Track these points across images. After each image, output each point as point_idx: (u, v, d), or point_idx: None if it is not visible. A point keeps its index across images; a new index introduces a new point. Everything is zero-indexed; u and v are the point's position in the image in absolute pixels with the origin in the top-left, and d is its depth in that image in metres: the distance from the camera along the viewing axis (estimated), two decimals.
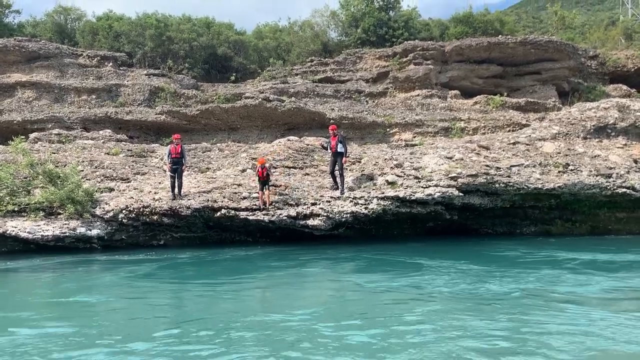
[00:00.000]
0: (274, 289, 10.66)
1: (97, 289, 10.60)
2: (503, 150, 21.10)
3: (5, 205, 17.31)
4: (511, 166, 19.53)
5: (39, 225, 16.83)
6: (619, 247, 16.33)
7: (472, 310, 7.79)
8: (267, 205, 17.86)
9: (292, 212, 18.02)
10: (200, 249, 17.59)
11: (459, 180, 18.38)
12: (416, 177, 18.89)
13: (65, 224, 17.03)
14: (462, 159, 19.71)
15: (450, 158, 19.93)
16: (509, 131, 25.57)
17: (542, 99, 28.48)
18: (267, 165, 18.30)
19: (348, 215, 18.14)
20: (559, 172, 19.60)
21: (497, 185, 18.67)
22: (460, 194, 18.30)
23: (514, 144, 21.84)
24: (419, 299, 8.77)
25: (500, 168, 19.27)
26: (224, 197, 18.34)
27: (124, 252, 16.72)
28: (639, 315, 7.31)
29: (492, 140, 22.78)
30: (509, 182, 18.71)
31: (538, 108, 27.59)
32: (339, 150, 18.50)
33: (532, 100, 28.02)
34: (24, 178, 18.61)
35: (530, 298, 8.63)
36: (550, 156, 20.67)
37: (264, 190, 17.92)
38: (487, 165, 19.28)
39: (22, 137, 21.46)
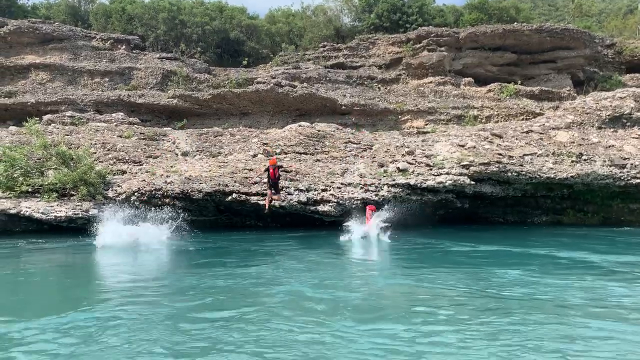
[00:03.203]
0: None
1: None
2: (516, 139, 20.93)
3: (19, 186, 17.53)
4: (524, 155, 19.39)
5: (52, 206, 17.00)
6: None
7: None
8: (268, 206, 16.97)
9: (303, 197, 18.06)
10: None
11: (471, 168, 18.29)
12: (428, 165, 18.81)
13: (78, 205, 17.19)
14: (474, 147, 19.59)
15: (463, 146, 19.81)
16: (522, 120, 25.34)
17: (557, 87, 28.15)
18: (278, 164, 17.47)
19: (358, 202, 18.14)
20: (572, 161, 19.43)
21: (509, 174, 18.56)
22: (472, 182, 18.22)
23: (527, 132, 21.66)
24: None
25: (512, 157, 19.14)
26: (235, 182, 18.40)
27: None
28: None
29: (505, 128, 22.61)
30: (522, 171, 18.59)
31: (552, 97, 27.29)
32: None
33: (546, 88, 27.70)
34: (38, 159, 18.78)
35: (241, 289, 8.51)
36: (564, 145, 20.48)
37: (272, 190, 16.88)
38: (500, 154, 19.15)
39: (36, 118, 21.64)
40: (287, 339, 5.80)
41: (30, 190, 17.67)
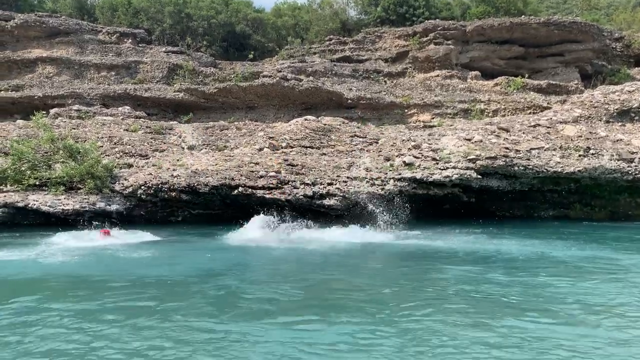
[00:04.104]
0: None
1: None
2: (523, 133, 20.81)
3: (27, 179, 17.63)
4: (531, 149, 19.28)
5: (59, 200, 17.10)
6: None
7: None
8: None
9: (309, 191, 18.04)
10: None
11: (478, 162, 18.20)
12: (434, 159, 18.74)
13: (85, 198, 17.29)
14: (481, 141, 19.50)
15: (469, 140, 19.72)
16: (529, 114, 25.21)
17: (564, 81, 27.98)
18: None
19: (364, 195, 18.10)
20: (580, 155, 19.31)
21: (516, 168, 18.46)
22: (479, 176, 18.12)
23: (534, 126, 21.53)
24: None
25: (519, 151, 19.03)
26: (241, 175, 18.41)
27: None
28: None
29: (512, 122, 22.48)
30: (528, 165, 18.49)
31: (560, 90, 27.13)
32: None
33: (553, 82, 27.54)
34: (45, 153, 18.88)
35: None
36: (571, 139, 20.35)
37: None
38: (507, 148, 19.05)
39: (43, 112, 21.74)
40: (191, 334, 5.71)
41: (37, 183, 17.77)
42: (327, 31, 33.16)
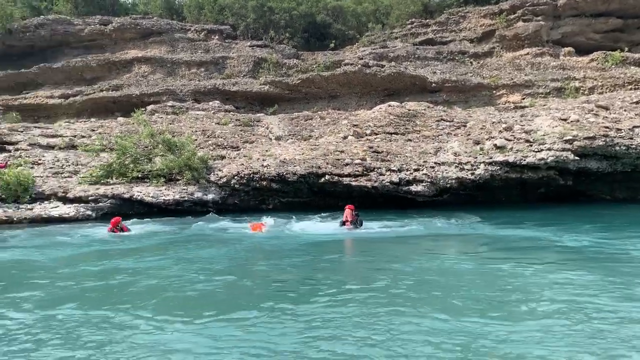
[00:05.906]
0: None
1: None
2: (625, 110, 19.48)
3: (130, 172, 18.93)
4: (634, 127, 18.00)
5: (160, 191, 18.22)
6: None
7: None
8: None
9: (395, 177, 17.99)
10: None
11: (575, 143, 17.27)
12: (527, 141, 18.00)
13: (184, 189, 18.29)
14: (578, 121, 18.48)
15: (565, 120, 18.75)
16: (630, 89, 23.50)
17: None
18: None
19: (453, 181, 17.78)
20: None
21: (617, 148, 17.32)
22: (576, 157, 17.19)
23: (637, 103, 20.08)
24: None
25: (621, 129, 17.83)
26: (327, 164, 18.69)
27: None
28: None
29: (612, 99, 21.09)
30: (631, 145, 17.28)
31: None
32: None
33: None
34: (145, 147, 20.15)
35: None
36: None
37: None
38: (607, 127, 17.91)
39: (142, 109, 23.17)
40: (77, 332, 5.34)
41: (140, 176, 19.04)
42: (408, 15, 32.63)
